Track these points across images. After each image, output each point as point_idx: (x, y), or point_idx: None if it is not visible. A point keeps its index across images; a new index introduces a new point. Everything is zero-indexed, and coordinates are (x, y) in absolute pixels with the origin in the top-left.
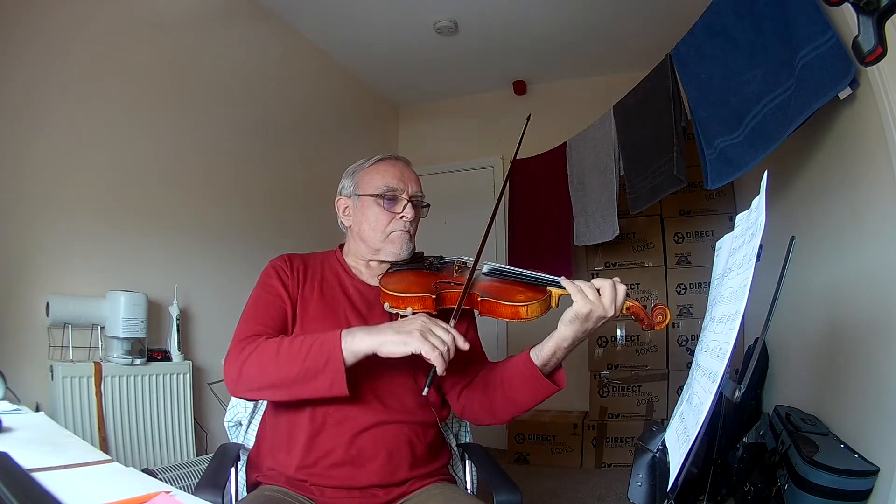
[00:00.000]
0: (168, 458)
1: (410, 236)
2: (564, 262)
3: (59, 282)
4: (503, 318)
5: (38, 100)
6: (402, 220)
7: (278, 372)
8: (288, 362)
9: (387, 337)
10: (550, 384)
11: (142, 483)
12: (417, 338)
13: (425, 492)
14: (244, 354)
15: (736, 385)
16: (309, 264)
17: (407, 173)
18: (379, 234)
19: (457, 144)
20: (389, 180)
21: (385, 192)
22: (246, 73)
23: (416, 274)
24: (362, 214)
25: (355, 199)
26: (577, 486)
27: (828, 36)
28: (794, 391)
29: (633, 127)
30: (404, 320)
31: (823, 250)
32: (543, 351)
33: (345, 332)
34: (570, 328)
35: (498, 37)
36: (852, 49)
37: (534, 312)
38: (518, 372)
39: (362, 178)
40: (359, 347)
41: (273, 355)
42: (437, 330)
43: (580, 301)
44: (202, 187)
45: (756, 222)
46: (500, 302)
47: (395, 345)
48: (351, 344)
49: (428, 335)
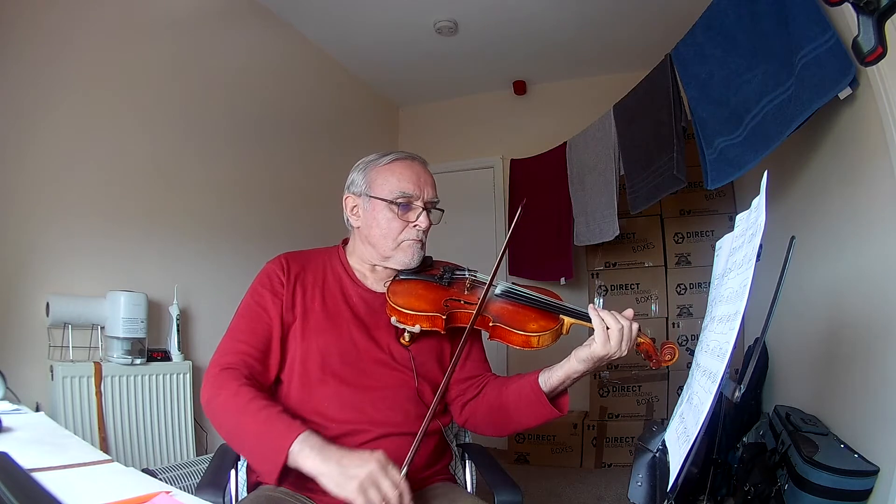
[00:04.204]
0: (168, 458)
1: (422, 245)
2: (564, 262)
3: (59, 282)
4: (513, 346)
5: (38, 99)
6: (415, 228)
7: (232, 431)
8: (243, 430)
9: (330, 470)
10: (554, 410)
11: (142, 483)
12: (354, 487)
13: (426, 492)
14: (217, 389)
15: (736, 385)
16: (309, 267)
17: (424, 176)
18: (390, 241)
19: (457, 144)
20: (405, 185)
21: (399, 198)
22: (246, 72)
23: (425, 287)
24: (373, 218)
25: (366, 199)
26: (577, 486)
27: (828, 36)
28: (794, 391)
29: (633, 127)
30: (357, 459)
31: (823, 250)
32: (552, 380)
33: (302, 437)
34: (583, 365)
35: (498, 37)
36: (852, 49)
37: (545, 343)
38: (525, 395)
39: (375, 178)
40: (302, 463)
41: (236, 415)
42: (385, 485)
43: (600, 344)
44: (202, 187)
45: (756, 222)
46: (512, 330)
47: (332, 484)
48: (296, 454)
49: (368, 489)
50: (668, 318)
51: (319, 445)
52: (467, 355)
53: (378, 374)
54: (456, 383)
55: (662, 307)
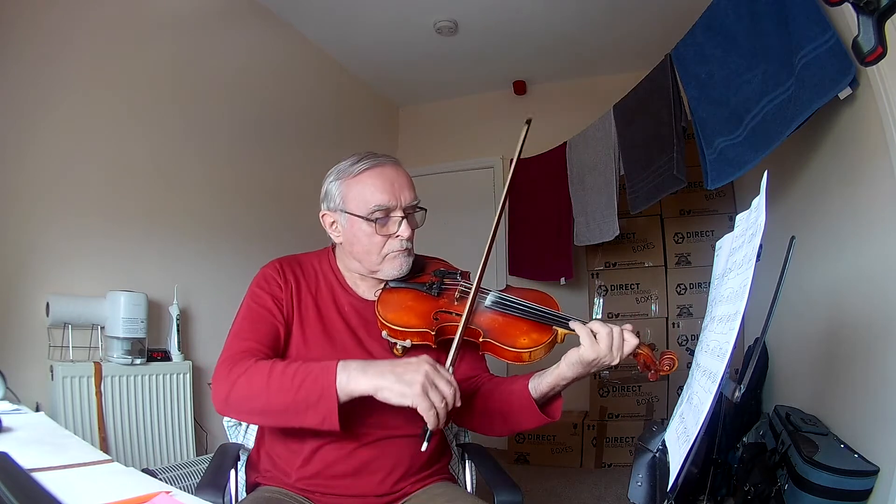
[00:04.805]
0: (168, 458)
1: (409, 252)
2: (564, 263)
3: (59, 282)
4: (505, 361)
5: (38, 99)
6: (398, 239)
7: (268, 400)
8: (279, 391)
9: (386, 382)
10: (544, 417)
11: (142, 483)
12: (418, 392)
13: (426, 491)
14: (234, 375)
15: (736, 385)
16: (302, 273)
17: (398, 181)
18: (374, 256)
19: (457, 144)
20: (379, 197)
21: (375, 212)
22: (246, 72)
23: (415, 298)
24: (353, 234)
25: (342, 215)
26: (577, 486)
27: (828, 36)
28: (794, 391)
29: (633, 127)
30: (408, 365)
31: (823, 250)
32: (542, 386)
33: (341, 365)
34: (571, 369)
35: (498, 37)
36: (852, 49)
37: (537, 357)
38: (515, 400)
39: (348, 192)
40: (354, 388)
41: (264, 381)
42: (441, 383)
43: (588, 348)
44: (202, 187)
45: (756, 222)
46: (502, 346)
47: (394, 394)
48: (346, 383)
49: (429, 390)
50: (668, 318)
51: (362, 366)
52: (462, 356)
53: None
54: None
55: (662, 307)
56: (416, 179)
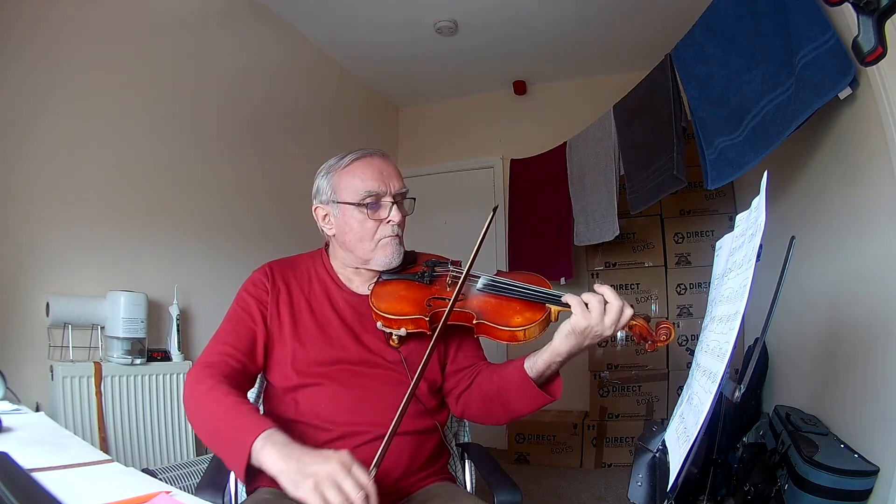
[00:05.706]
0: (168, 458)
1: (400, 240)
2: (564, 263)
3: (59, 282)
4: (500, 342)
5: (38, 99)
6: (389, 224)
7: (203, 428)
8: (212, 427)
9: (288, 467)
10: (545, 396)
11: (142, 483)
12: (310, 487)
13: (425, 491)
14: (196, 390)
15: (736, 385)
16: (294, 275)
17: (387, 170)
18: (367, 243)
19: (457, 144)
20: (369, 184)
21: (366, 198)
22: (246, 72)
23: (407, 288)
24: (345, 223)
25: (334, 206)
26: (577, 486)
27: (828, 36)
28: (794, 391)
29: (633, 127)
30: (318, 457)
31: (823, 250)
32: (538, 364)
33: (263, 435)
34: (565, 343)
35: (498, 37)
36: (852, 49)
37: (532, 335)
38: (513, 381)
39: (338, 183)
40: (264, 462)
41: (209, 412)
42: (346, 485)
43: (579, 315)
44: (202, 187)
45: (756, 222)
46: (496, 326)
47: (289, 483)
48: (260, 453)
49: (326, 489)
50: (668, 317)
51: (283, 442)
52: (458, 345)
53: (372, 376)
54: (450, 375)
55: (662, 307)
56: (417, 179)
